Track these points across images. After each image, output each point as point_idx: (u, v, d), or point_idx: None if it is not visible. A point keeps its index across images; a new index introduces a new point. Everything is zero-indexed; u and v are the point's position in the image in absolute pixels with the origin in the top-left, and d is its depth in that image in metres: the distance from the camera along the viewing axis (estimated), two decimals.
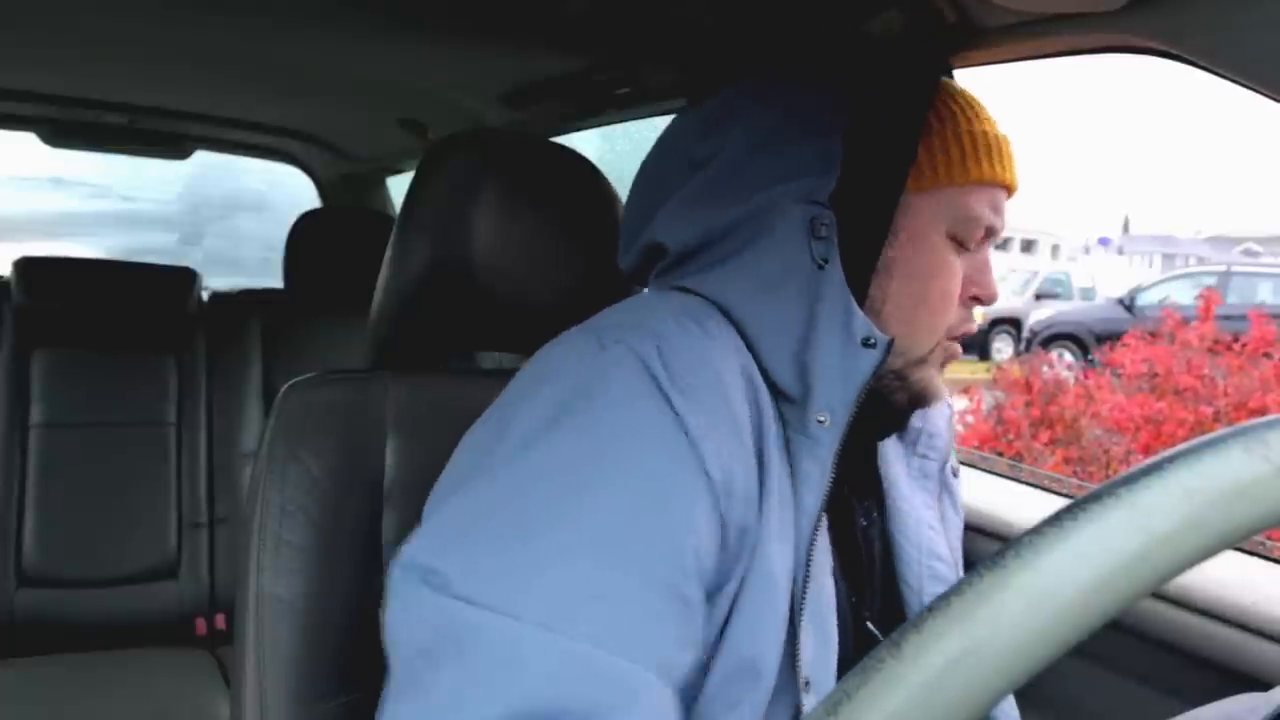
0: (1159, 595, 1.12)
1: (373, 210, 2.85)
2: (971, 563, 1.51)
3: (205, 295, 2.35)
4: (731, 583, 0.68)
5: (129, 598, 2.07)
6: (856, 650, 0.76)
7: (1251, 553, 1.18)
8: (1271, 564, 1.15)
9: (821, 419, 0.72)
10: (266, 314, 2.30)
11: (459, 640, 0.57)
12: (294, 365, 2.23)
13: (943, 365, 0.83)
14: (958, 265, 0.80)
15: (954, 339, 0.82)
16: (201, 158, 2.94)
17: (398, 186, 3.17)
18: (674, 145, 0.86)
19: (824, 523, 0.74)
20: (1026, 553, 0.34)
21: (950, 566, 0.86)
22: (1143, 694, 1.17)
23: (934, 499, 0.89)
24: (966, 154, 0.79)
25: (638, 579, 0.60)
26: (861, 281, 0.77)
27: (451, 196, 0.94)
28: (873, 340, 0.73)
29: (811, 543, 0.71)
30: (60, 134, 2.67)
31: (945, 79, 0.87)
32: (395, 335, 0.98)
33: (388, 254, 0.98)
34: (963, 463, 1.66)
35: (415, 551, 0.63)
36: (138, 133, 2.73)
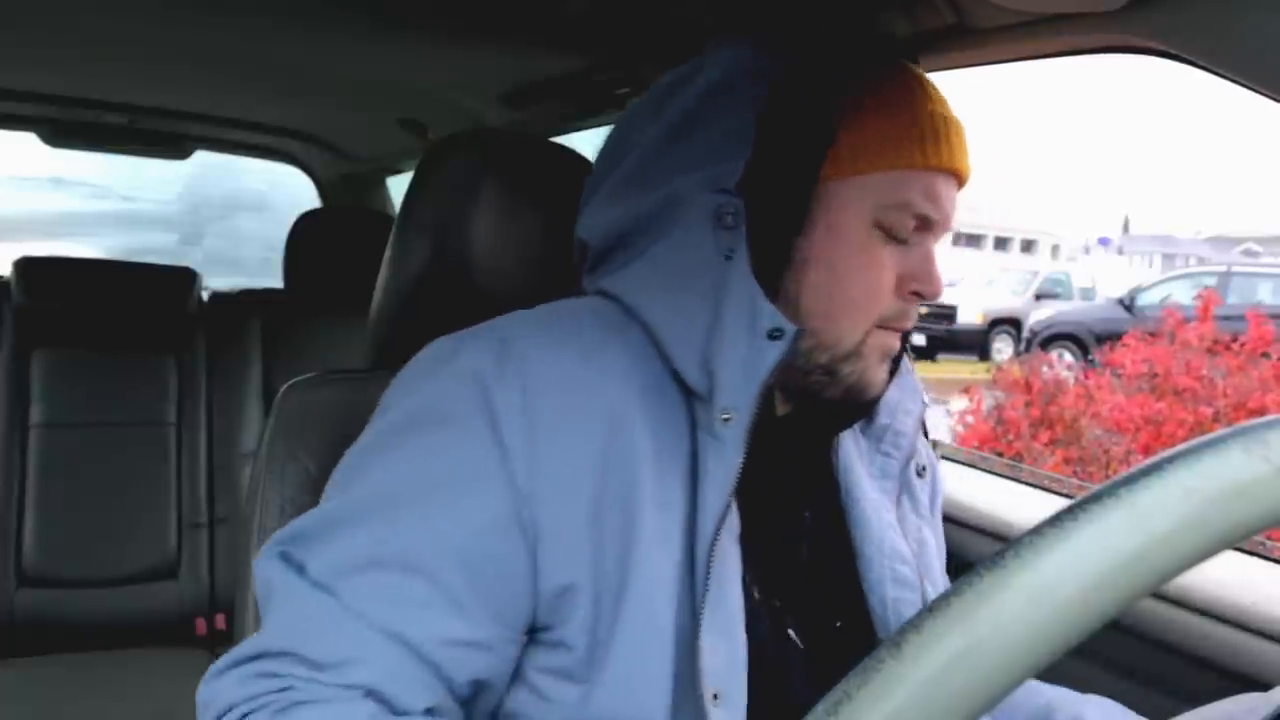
0: (1159, 595, 1.12)
1: (373, 210, 2.85)
2: (969, 562, 1.51)
3: (205, 295, 2.35)
4: (573, 594, 0.66)
5: (129, 598, 2.07)
6: (774, 660, 0.72)
7: (1251, 553, 1.17)
8: (1271, 564, 1.15)
9: (726, 416, 0.68)
10: (266, 314, 2.30)
11: (268, 592, 0.67)
12: (294, 365, 2.23)
13: (885, 359, 0.77)
14: (885, 257, 0.74)
15: (891, 329, 0.76)
16: (201, 158, 2.95)
17: (398, 187, 3.17)
18: (616, 134, 0.84)
19: (732, 525, 0.70)
20: (1026, 553, 0.34)
21: (913, 569, 0.80)
22: (1143, 694, 1.17)
23: (891, 500, 0.85)
24: (896, 138, 0.73)
25: (406, 562, 0.64)
26: (775, 272, 0.74)
27: (451, 196, 0.94)
28: (779, 332, 0.69)
29: (713, 545, 0.67)
30: (61, 134, 2.67)
31: (903, 61, 0.80)
32: (395, 335, 0.98)
33: (387, 254, 0.98)
34: (962, 462, 1.66)
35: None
36: (138, 133, 2.73)
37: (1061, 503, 0.36)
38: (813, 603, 0.77)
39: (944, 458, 1.65)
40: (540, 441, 0.66)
